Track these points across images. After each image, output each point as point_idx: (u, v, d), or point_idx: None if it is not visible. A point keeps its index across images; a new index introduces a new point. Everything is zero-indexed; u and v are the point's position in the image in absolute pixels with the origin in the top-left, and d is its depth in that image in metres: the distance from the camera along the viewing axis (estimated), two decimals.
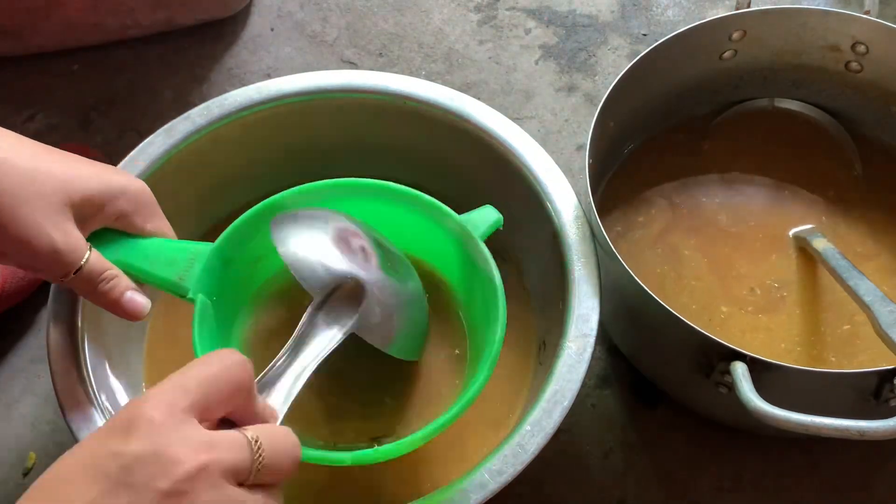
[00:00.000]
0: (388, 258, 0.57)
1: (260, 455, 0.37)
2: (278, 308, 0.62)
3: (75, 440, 0.53)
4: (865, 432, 0.49)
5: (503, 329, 0.53)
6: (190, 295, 0.53)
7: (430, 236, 0.60)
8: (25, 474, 0.66)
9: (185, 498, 0.34)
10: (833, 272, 0.62)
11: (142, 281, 0.54)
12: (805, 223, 0.70)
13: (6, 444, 0.67)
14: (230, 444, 0.37)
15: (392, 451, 0.49)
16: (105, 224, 0.53)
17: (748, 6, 0.70)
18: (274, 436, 0.39)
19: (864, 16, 0.67)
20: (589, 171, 0.61)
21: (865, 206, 0.71)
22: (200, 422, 0.37)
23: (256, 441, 0.37)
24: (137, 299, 0.53)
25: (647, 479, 0.65)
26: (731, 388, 0.52)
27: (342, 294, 0.53)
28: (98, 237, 0.53)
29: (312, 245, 0.53)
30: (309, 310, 0.52)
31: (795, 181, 0.72)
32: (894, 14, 0.87)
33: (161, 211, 0.55)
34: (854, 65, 0.70)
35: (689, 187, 0.73)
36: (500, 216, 0.59)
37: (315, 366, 0.49)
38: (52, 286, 0.59)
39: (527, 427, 0.52)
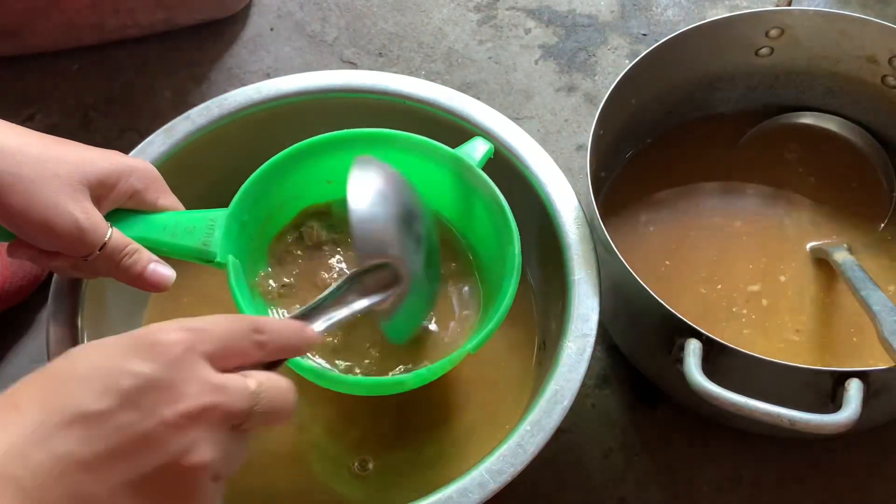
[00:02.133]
0: (430, 255, 0.57)
1: (258, 405, 0.38)
2: (287, 265, 0.62)
3: None
4: (796, 422, 0.49)
5: (518, 244, 0.54)
6: (219, 258, 0.54)
7: (427, 176, 0.60)
8: None
9: (183, 432, 0.35)
10: (848, 282, 0.62)
11: (166, 254, 0.55)
12: (825, 238, 0.69)
13: None
14: (236, 392, 0.37)
15: (439, 367, 0.52)
16: (119, 203, 0.54)
17: (788, 4, 0.68)
18: (276, 388, 0.40)
19: None
20: (590, 171, 0.61)
21: (894, 226, 0.69)
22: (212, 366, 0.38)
23: (258, 393, 0.38)
24: (161, 270, 0.54)
25: (647, 479, 0.65)
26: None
27: (383, 273, 0.53)
28: (114, 218, 0.53)
29: (382, 214, 0.53)
30: (350, 274, 0.51)
31: (821, 197, 0.71)
32: (895, 14, 0.87)
33: (168, 187, 0.57)
34: (890, 79, 0.68)
35: (697, 192, 0.72)
36: (492, 145, 0.61)
37: (337, 321, 0.49)
38: (53, 286, 0.59)
39: (526, 427, 0.52)
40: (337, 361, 0.58)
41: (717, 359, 0.54)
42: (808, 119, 0.74)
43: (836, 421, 0.49)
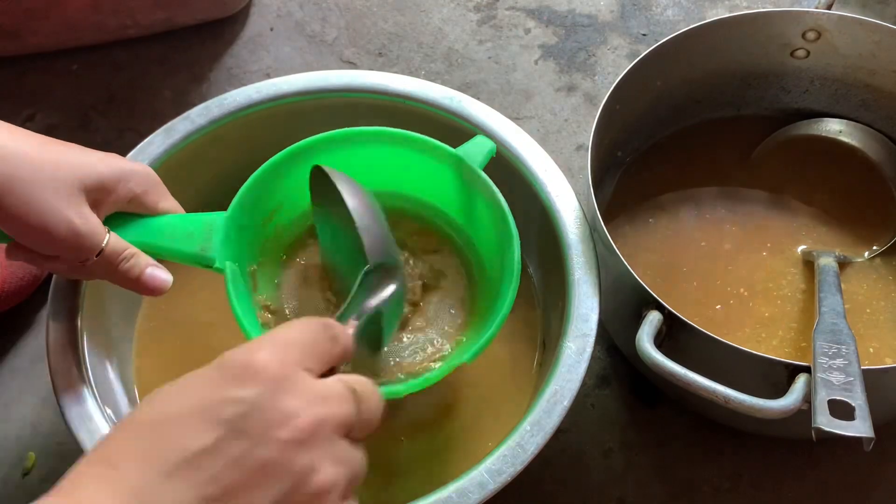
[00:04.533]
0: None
1: (361, 407, 0.36)
2: (286, 265, 0.63)
3: (75, 440, 0.53)
4: (730, 400, 0.50)
5: (518, 249, 0.54)
6: (217, 264, 0.54)
7: (429, 174, 0.61)
8: (25, 474, 0.66)
9: (301, 451, 0.33)
10: (817, 285, 0.62)
11: (164, 258, 0.55)
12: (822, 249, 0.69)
13: (6, 444, 0.67)
14: (339, 398, 0.35)
15: (443, 371, 0.52)
16: (118, 207, 0.54)
17: (829, 7, 0.67)
18: (366, 387, 0.37)
19: None
20: (590, 171, 0.61)
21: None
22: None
23: (358, 393, 0.36)
24: (158, 274, 0.54)
25: (647, 479, 0.65)
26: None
27: (384, 274, 0.52)
28: (112, 222, 0.53)
29: (380, 221, 0.53)
30: (364, 272, 0.50)
31: (827, 209, 0.70)
32: (894, 14, 0.87)
33: (168, 190, 0.56)
34: None
35: (701, 194, 0.72)
36: (494, 144, 0.61)
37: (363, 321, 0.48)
38: (52, 286, 0.59)
39: (526, 427, 0.52)
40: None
41: (683, 338, 0.54)
42: (826, 126, 0.74)
43: (769, 406, 0.49)
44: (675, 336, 0.55)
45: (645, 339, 0.53)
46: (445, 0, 0.91)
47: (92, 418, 0.54)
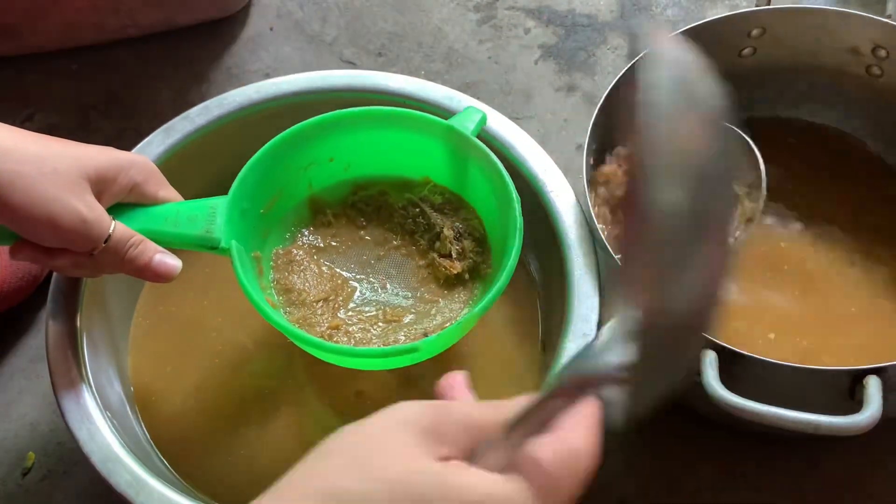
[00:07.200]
0: None
1: None
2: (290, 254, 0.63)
3: (74, 439, 0.53)
4: (820, 426, 0.49)
5: (518, 205, 0.55)
6: (223, 244, 0.54)
7: (423, 150, 0.61)
8: (25, 474, 0.66)
9: None
10: None
11: (168, 244, 0.55)
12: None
13: (5, 444, 0.67)
14: None
15: (444, 337, 0.53)
16: (120, 197, 0.54)
17: (768, 3, 0.69)
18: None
19: (885, 20, 0.66)
20: (586, 171, 0.61)
21: (850, 227, 0.69)
22: None
23: None
24: (167, 261, 0.54)
25: (647, 479, 0.65)
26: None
27: None
28: (115, 212, 0.54)
29: None
30: None
31: (801, 205, 0.71)
32: (894, 11, 0.87)
33: (166, 180, 0.57)
34: (875, 69, 0.69)
35: None
36: (484, 112, 0.61)
37: None
38: (52, 286, 0.59)
39: None
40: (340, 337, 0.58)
41: (730, 366, 0.54)
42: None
43: (859, 422, 0.49)
44: (727, 367, 0.54)
45: (715, 384, 0.52)
46: (445, 0, 0.91)
47: (91, 418, 0.54)
